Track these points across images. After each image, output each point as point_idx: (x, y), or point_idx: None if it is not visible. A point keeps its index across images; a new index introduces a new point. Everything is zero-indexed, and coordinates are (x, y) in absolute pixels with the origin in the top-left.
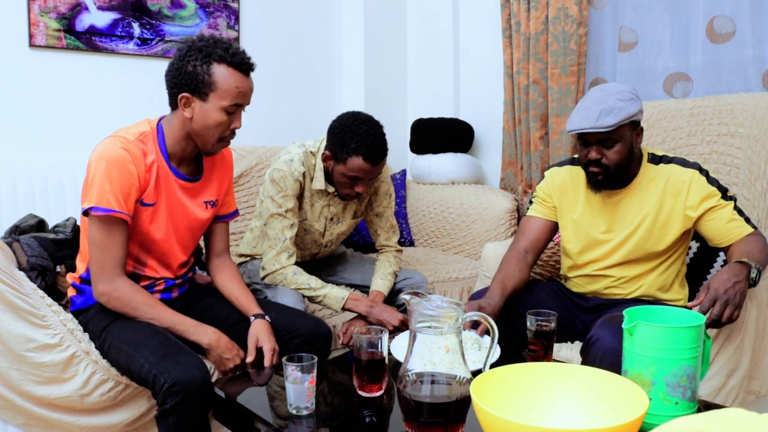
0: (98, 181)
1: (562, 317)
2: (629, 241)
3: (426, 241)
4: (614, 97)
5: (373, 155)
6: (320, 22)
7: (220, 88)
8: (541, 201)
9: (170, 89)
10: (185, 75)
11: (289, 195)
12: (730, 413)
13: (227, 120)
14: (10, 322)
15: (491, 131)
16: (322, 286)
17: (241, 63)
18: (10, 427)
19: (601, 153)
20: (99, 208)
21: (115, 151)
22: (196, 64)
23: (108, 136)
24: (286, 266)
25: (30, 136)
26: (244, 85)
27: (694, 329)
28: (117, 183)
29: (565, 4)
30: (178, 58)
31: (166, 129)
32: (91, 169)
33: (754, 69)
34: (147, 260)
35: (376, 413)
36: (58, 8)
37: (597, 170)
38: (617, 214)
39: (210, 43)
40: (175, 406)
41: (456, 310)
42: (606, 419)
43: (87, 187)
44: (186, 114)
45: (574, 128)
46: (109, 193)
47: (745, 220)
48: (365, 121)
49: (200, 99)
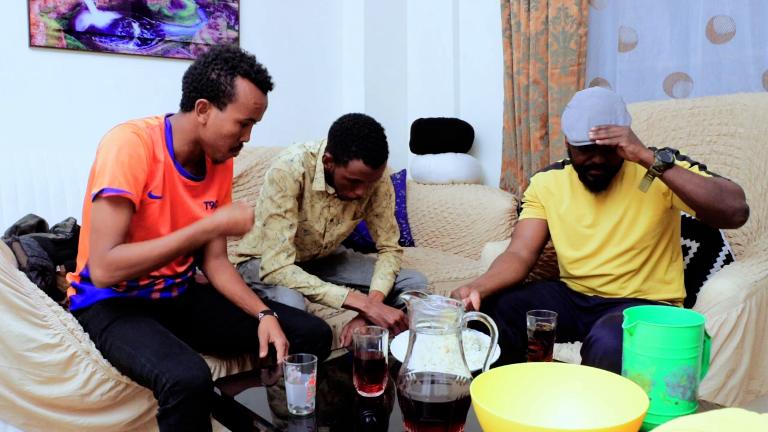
0: (109, 164)
1: (563, 318)
2: (616, 233)
3: (426, 241)
4: (618, 106)
5: (374, 159)
6: (320, 22)
7: (239, 101)
8: (530, 203)
9: (188, 92)
10: (207, 81)
11: (288, 195)
12: (730, 413)
13: (239, 132)
14: (11, 322)
15: (491, 131)
16: (321, 284)
17: (264, 81)
18: (10, 427)
19: (605, 157)
20: (110, 188)
21: (126, 135)
22: (220, 74)
23: (116, 125)
24: (284, 266)
25: (30, 136)
26: (262, 102)
27: (694, 329)
28: (127, 165)
29: (565, 4)
30: (203, 64)
31: (175, 127)
32: (101, 153)
33: (754, 69)
34: None
35: (376, 413)
36: (58, 8)
37: (599, 173)
38: (602, 207)
39: (237, 56)
40: (176, 405)
41: (456, 310)
42: (606, 419)
43: (97, 173)
44: (200, 119)
45: (584, 140)
46: (120, 175)
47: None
48: (367, 124)
49: (217, 107)
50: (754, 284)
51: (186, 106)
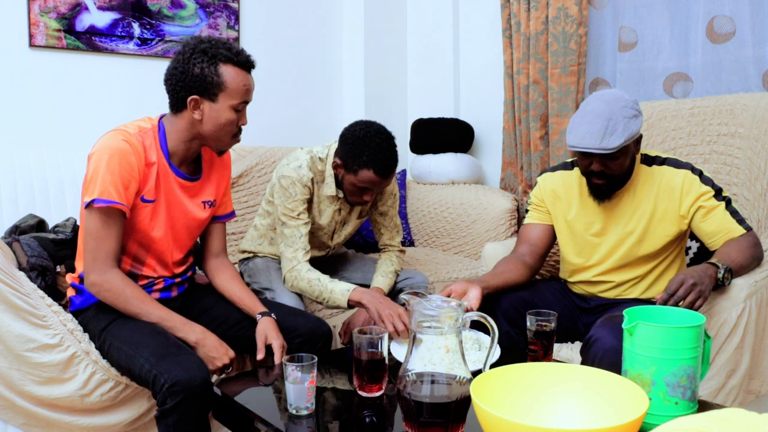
0: (101, 173)
1: (564, 318)
2: (624, 244)
3: (426, 241)
4: (620, 113)
5: (385, 169)
6: (320, 22)
7: (229, 88)
8: (535, 207)
9: (175, 92)
10: (192, 77)
11: (299, 200)
12: (730, 413)
13: (236, 118)
14: (11, 322)
15: (491, 131)
16: (331, 281)
17: (246, 62)
18: (10, 427)
19: (604, 165)
20: (100, 199)
21: (117, 143)
22: (203, 66)
23: (109, 130)
24: (301, 261)
25: (30, 136)
26: (249, 83)
27: (694, 329)
28: (118, 174)
29: (565, 4)
30: (182, 62)
31: (168, 128)
32: (92, 161)
33: (754, 69)
34: (146, 259)
35: (376, 413)
36: (58, 8)
37: (601, 182)
38: (611, 216)
39: (213, 44)
40: (175, 406)
41: (456, 310)
42: (606, 419)
43: (88, 181)
44: (195, 116)
45: (576, 145)
46: (110, 185)
47: (739, 221)
48: (379, 134)
49: (209, 100)
50: (754, 284)
51: (176, 106)
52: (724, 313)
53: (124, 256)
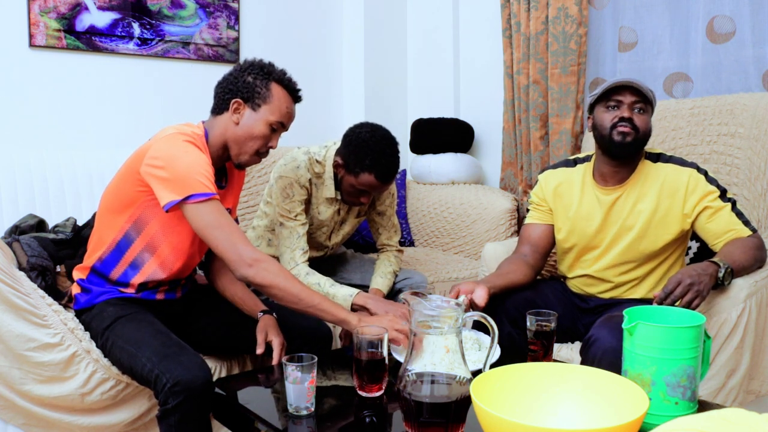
0: (185, 170)
1: (564, 319)
2: (624, 239)
3: (426, 241)
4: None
5: (386, 175)
6: (320, 22)
7: (272, 103)
8: (536, 206)
9: (222, 95)
10: (243, 83)
11: (296, 201)
12: (730, 413)
13: (269, 135)
14: (11, 322)
15: (491, 131)
16: (332, 285)
17: (296, 90)
18: (11, 427)
19: (632, 114)
20: (200, 194)
21: (188, 140)
22: (256, 78)
23: (164, 133)
24: (299, 264)
25: (30, 136)
26: (292, 109)
27: (694, 329)
28: (203, 167)
29: (565, 4)
30: (239, 70)
31: (210, 134)
32: (160, 161)
33: (754, 69)
34: (167, 259)
35: (376, 413)
36: (58, 8)
37: (627, 130)
38: (613, 211)
39: (271, 65)
40: (176, 405)
41: (456, 310)
42: (606, 419)
43: (172, 180)
44: (233, 118)
45: (616, 81)
46: (203, 177)
47: (744, 222)
48: (384, 139)
49: (251, 108)
50: (754, 284)
51: (219, 109)
52: (724, 313)
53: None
